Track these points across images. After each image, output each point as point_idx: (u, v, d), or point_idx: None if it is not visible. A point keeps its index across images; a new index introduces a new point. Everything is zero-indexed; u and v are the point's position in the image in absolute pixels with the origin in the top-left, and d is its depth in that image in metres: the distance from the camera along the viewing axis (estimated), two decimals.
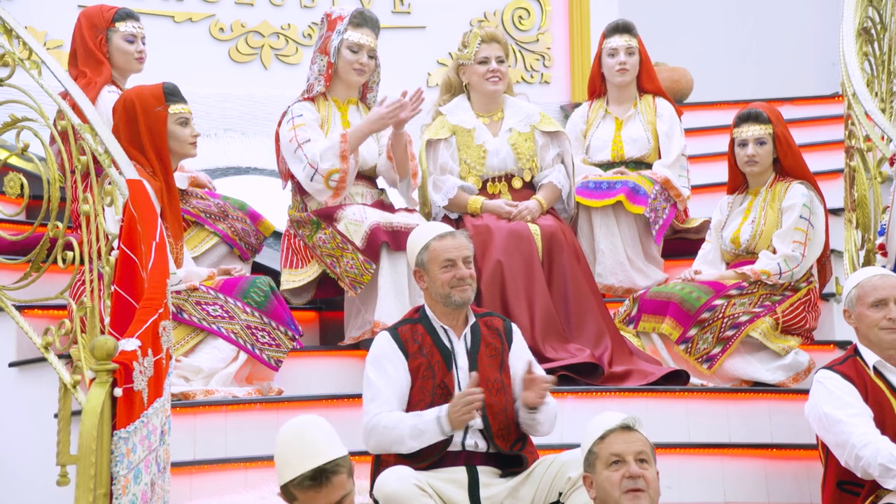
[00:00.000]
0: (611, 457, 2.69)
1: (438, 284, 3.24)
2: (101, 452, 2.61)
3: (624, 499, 2.64)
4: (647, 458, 2.70)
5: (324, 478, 2.53)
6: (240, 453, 3.61)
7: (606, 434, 2.73)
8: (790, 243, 4.12)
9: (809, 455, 3.67)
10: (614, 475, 2.67)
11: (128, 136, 3.58)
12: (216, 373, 3.83)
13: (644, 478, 2.66)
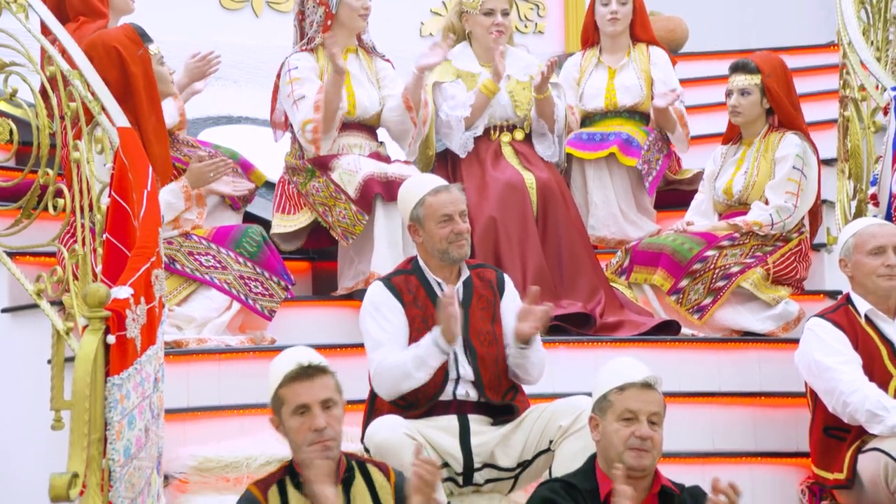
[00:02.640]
0: (625, 412, 2.67)
1: (436, 240, 3.23)
2: (94, 398, 2.62)
3: (627, 454, 2.64)
4: (659, 419, 2.69)
5: (310, 371, 2.59)
6: (233, 401, 3.64)
7: (627, 387, 2.70)
8: (783, 194, 4.12)
9: (797, 403, 3.71)
10: (624, 430, 2.66)
11: (115, 85, 3.53)
12: (209, 322, 3.84)
13: (652, 439, 2.66)
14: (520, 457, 3.17)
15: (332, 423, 2.58)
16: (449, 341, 3.10)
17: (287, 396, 2.61)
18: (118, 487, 2.64)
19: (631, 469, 2.61)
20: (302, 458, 2.59)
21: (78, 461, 2.57)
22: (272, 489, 2.56)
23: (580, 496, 2.65)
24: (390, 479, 2.65)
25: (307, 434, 2.55)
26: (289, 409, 2.61)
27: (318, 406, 2.58)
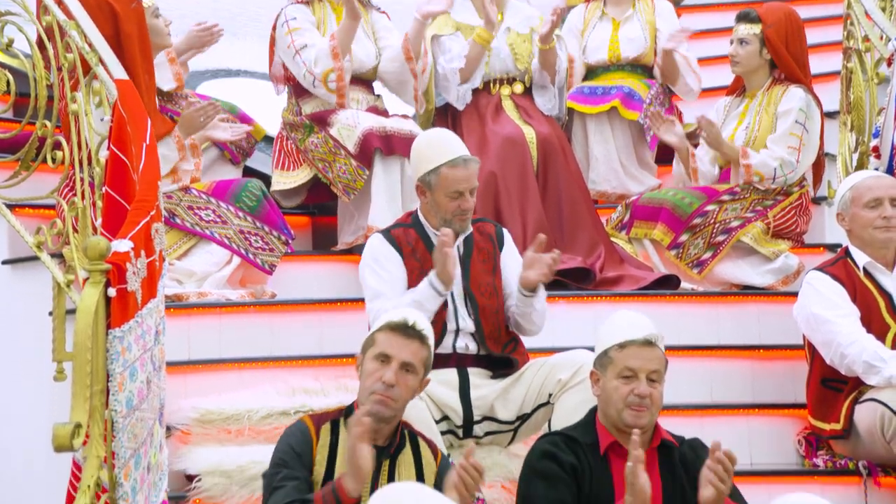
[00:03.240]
0: (625, 369, 2.64)
1: (442, 210, 3.22)
2: (96, 350, 2.63)
3: (626, 413, 2.62)
4: (658, 377, 2.66)
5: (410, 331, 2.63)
6: (234, 354, 3.66)
7: (627, 344, 2.67)
8: (784, 148, 4.10)
9: (796, 355, 3.72)
10: (623, 388, 2.63)
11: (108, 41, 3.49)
12: (209, 276, 3.85)
13: (651, 397, 2.63)
14: (519, 410, 3.19)
15: (403, 386, 2.59)
16: (444, 282, 3.10)
17: (378, 340, 2.65)
18: (121, 438, 2.65)
19: (629, 427, 2.61)
20: (362, 403, 2.61)
21: (81, 412, 2.59)
22: (325, 425, 2.59)
23: (580, 449, 2.64)
24: (437, 458, 2.66)
25: (375, 382, 2.57)
26: (373, 352, 2.63)
27: (397, 363, 2.60)
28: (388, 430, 2.62)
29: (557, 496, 2.56)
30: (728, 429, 3.54)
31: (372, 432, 2.56)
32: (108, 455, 2.64)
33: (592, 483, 2.59)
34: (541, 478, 2.59)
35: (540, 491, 2.57)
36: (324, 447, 2.58)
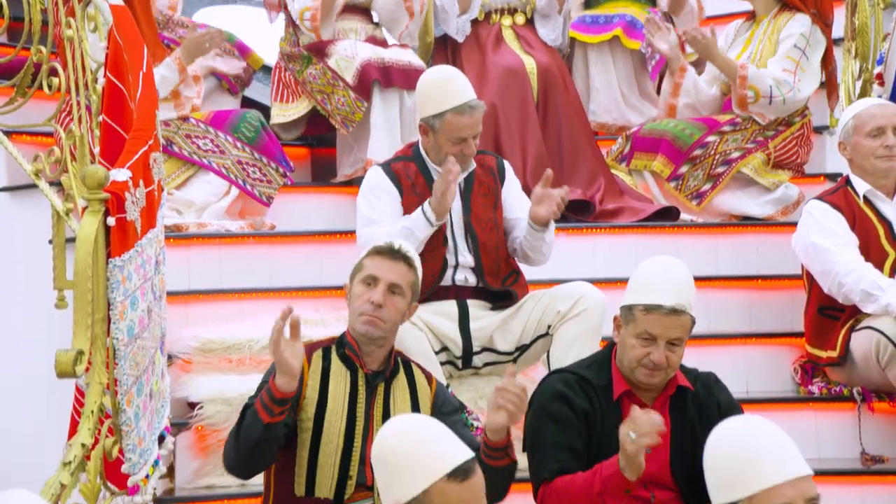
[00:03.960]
0: (645, 332, 2.54)
1: (443, 153, 3.19)
2: (96, 279, 2.64)
3: (639, 371, 2.55)
4: (680, 341, 2.56)
5: (396, 254, 2.63)
6: (234, 285, 3.67)
7: (653, 309, 2.54)
8: (780, 70, 4.05)
9: (793, 285, 3.74)
10: (640, 349, 2.55)
11: None
12: (208, 206, 3.85)
13: (668, 360, 2.54)
14: (518, 341, 3.20)
15: (391, 307, 2.58)
16: (438, 213, 3.10)
17: (365, 265, 2.65)
18: (123, 365, 2.67)
19: (640, 383, 2.58)
20: (352, 327, 2.61)
21: (82, 339, 2.61)
22: (317, 352, 2.61)
23: (593, 392, 2.59)
24: (432, 385, 2.66)
25: (364, 304, 2.58)
26: (360, 276, 2.63)
27: (384, 284, 2.60)
28: (381, 355, 2.62)
29: (568, 441, 2.54)
30: (725, 358, 3.57)
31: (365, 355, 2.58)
32: (110, 382, 2.67)
33: (604, 427, 2.57)
34: (552, 420, 2.57)
35: (549, 433, 2.56)
36: (315, 372, 2.59)
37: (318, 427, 2.52)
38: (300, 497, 2.49)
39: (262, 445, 2.46)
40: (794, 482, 1.91)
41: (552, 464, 2.53)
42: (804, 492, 1.91)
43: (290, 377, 2.42)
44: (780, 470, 1.92)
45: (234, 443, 2.48)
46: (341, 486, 2.49)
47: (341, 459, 2.50)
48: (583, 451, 2.55)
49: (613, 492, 2.46)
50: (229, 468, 2.55)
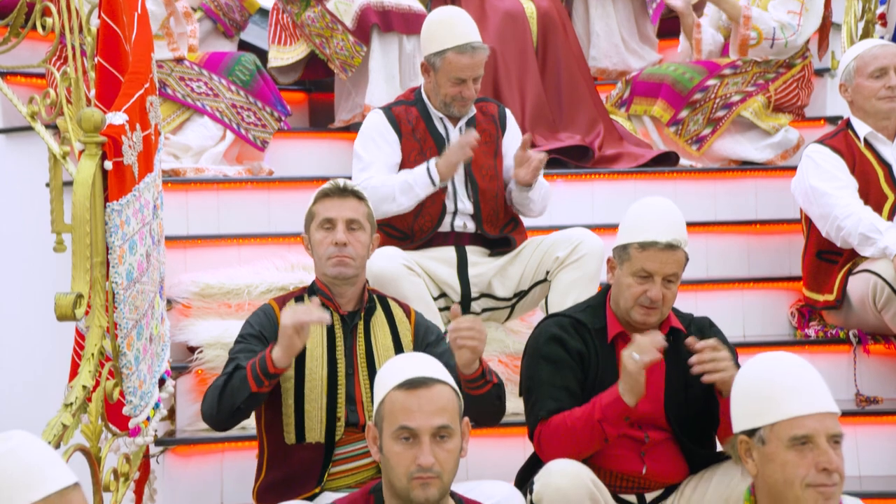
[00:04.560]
0: (641, 270, 2.55)
1: (441, 92, 3.18)
2: (95, 223, 2.64)
3: (635, 311, 2.56)
4: (676, 277, 2.56)
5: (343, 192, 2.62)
6: (232, 230, 3.67)
7: (649, 246, 2.54)
8: (785, 13, 4.01)
9: (792, 229, 3.75)
10: (636, 288, 2.55)
11: None
12: (205, 151, 3.84)
13: (664, 297, 2.55)
14: (516, 287, 3.21)
15: (355, 243, 2.59)
16: (443, 175, 3.09)
17: (317, 210, 2.64)
18: (122, 309, 2.68)
19: (637, 324, 2.59)
20: (321, 274, 2.61)
21: (81, 282, 2.61)
22: (290, 302, 2.61)
23: (588, 334, 2.61)
24: (410, 317, 2.67)
25: (328, 247, 2.57)
26: (316, 222, 2.62)
27: (342, 223, 2.60)
28: (354, 294, 2.62)
29: (563, 381, 2.55)
30: (722, 303, 3.59)
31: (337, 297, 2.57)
32: (110, 325, 2.68)
33: (598, 369, 2.58)
34: (547, 361, 2.58)
35: (545, 375, 2.57)
36: None
37: (299, 376, 2.53)
38: (292, 445, 2.52)
39: (243, 409, 2.49)
40: (818, 416, 1.92)
41: (549, 403, 2.55)
42: (827, 427, 1.92)
43: (289, 356, 2.42)
44: (805, 402, 1.93)
45: (216, 399, 2.50)
46: (331, 430, 2.52)
47: (327, 404, 2.52)
48: (578, 392, 2.57)
49: (613, 419, 2.48)
50: (205, 419, 2.57)
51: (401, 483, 1.99)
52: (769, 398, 1.95)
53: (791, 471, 1.89)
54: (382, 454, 2.03)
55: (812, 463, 1.89)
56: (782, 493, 1.91)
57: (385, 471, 2.03)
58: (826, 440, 1.90)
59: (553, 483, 2.43)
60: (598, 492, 2.45)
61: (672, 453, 2.59)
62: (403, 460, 1.99)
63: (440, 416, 2.02)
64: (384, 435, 2.02)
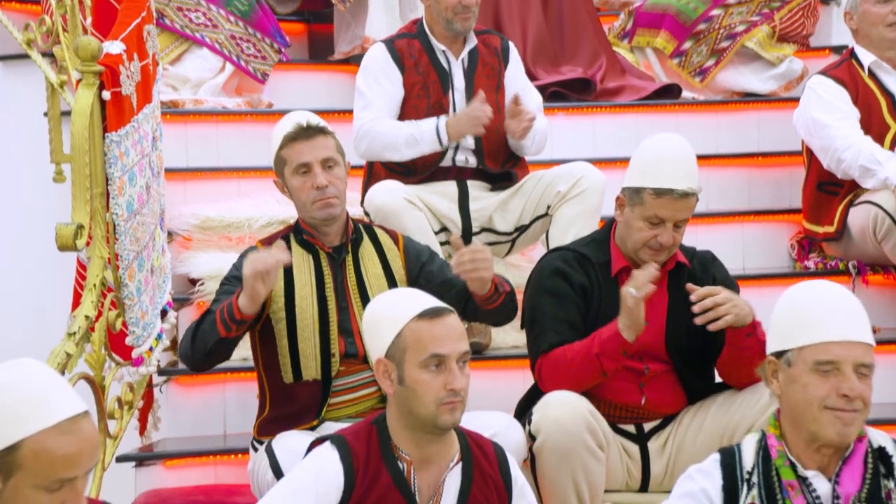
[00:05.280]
0: (654, 216, 2.52)
1: (442, 7, 3.13)
2: (94, 154, 2.63)
3: (644, 252, 2.54)
4: (685, 222, 2.55)
5: (310, 132, 2.60)
6: (231, 163, 3.66)
7: (664, 193, 2.51)
8: None
9: (793, 161, 3.73)
10: (647, 232, 2.53)
11: None
12: (204, 83, 3.80)
13: (673, 239, 2.53)
14: (517, 222, 3.21)
15: (334, 181, 2.58)
16: (452, 139, 3.07)
17: (289, 156, 2.61)
18: (123, 240, 2.69)
19: (643, 262, 2.56)
20: (310, 216, 2.61)
21: (82, 213, 2.61)
22: (277, 242, 2.61)
23: (592, 268, 2.59)
24: (398, 243, 2.66)
25: (310, 192, 2.56)
26: (290, 168, 2.60)
27: (318, 165, 2.58)
28: (338, 229, 2.62)
29: (565, 315, 2.56)
30: (722, 236, 3.59)
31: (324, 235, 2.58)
32: (111, 256, 2.69)
33: (601, 303, 2.58)
34: (550, 294, 2.58)
35: (548, 308, 2.57)
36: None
37: (290, 315, 2.53)
38: (290, 384, 2.53)
39: (215, 354, 2.50)
40: (848, 344, 1.92)
41: (551, 336, 2.56)
42: (855, 356, 1.91)
43: (254, 303, 2.42)
44: (836, 329, 1.92)
45: (190, 342, 2.51)
46: (326, 366, 2.53)
47: (320, 341, 2.53)
48: (580, 326, 2.57)
49: (611, 354, 2.49)
50: (182, 360, 2.57)
51: (428, 410, 2.02)
52: (801, 322, 1.94)
53: (812, 392, 1.89)
54: (403, 385, 2.05)
55: (834, 387, 1.89)
56: (802, 414, 1.91)
57: (406, 401, 2.04)
58: (852, 368, 1.90)
59: (551, 414, 2.45)
60: (596, 422, 2.48)
61: (671, 384, 2.60)
62: (433, 387, 2.02)
63: (464, 342, 2.07)
64: (407, 365, 2.03)
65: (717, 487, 1.92)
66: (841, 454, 1.92)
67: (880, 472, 1.92)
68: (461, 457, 2.09)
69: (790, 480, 1.89)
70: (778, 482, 1.90)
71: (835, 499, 1.89)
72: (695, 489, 1.94)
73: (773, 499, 1.89)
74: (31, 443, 1.67)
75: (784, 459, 1.91)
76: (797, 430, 1.93)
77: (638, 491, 2.62)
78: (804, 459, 1.92)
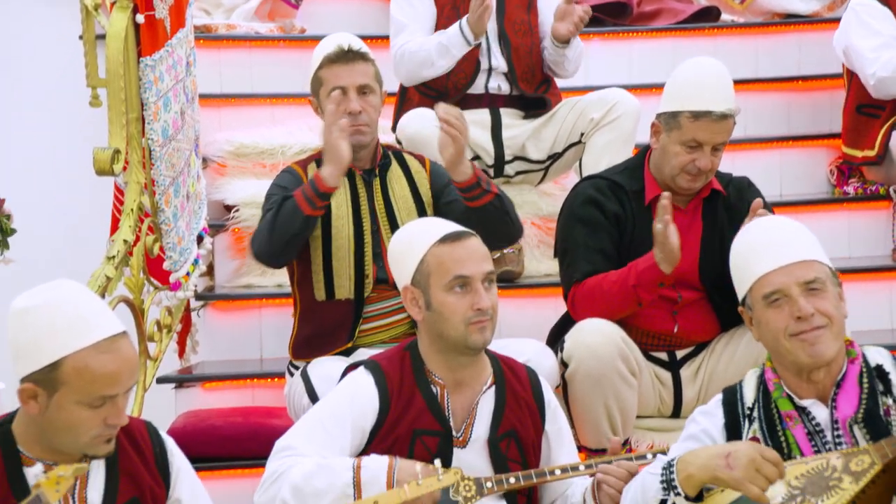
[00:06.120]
0: (692, 140, 2.49)
1: None
2: (129, 78, 2.63)
3: (681, 178, 2.54)
4: (723, 145, 2.52)
5: (350, 56, 2.60)
6: (265, 89, 3.65)
7: (702, 116, 2.47)
8: None
9: (834, 85, 3.66)
10: (684, 156, 2.50)
11: None
12: (237, 7, 3.78)
13: (711, 163, 2.52)
14: (550, 149, 3.19)
15: (368, 108, 2.58)
16: (476, 33, 3.03)
17: (326, 78, 2.61)
18: (159, 166, 2.71)
19: (681, 189, 2.55)
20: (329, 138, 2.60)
21: (118, 138, 2.63)
22: (311, 164, 2.63)
23: (625, 196, 2.58)
24: (426, 165, 2.67)
25: (342, 114, 2.55)
26: (326, 90, 2.60)
27: (354, 90, 2.58)
28: (369, 153, 2.63)
29: (598, 244, 2.55)
30: (760, 162, 3.55)
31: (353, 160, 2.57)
32: (147, 182, 2.71)
33: (634, 231, 2.57)
34: (583, 223, 2.57)
35: (580, 237, 2.57)
36: None
37: (326, 234, 2.55)
38: (322, 301, 2.56)
39: (298, 237, 2.51)
40: (785, 269, 1.91)
41: (584, 265, 2.56)
42: (796, 277, 1.90)
43: (338, 167, 2.44)
44: (769, 258, 1.92)
45: (267, 232, 2.51)
46: (359, 286, 2.55)
47: (355, 260, 2.55)
48: (614, 254, 2.57)
49: (648, 285, 2.49)
50: (259, 256, 2.57)
51: (458, 331, 2.04)
52: (744, 264, 1.96)
53: (773, 326, 1.90)
54: (431, 310, 2.07)
55: (789, 314, 1.89)
56: (777, 351, 1.93)
57: (435, 325, 2.06)
58: (798, 289, 1.89)
59: (584, 340, 2.46)
60: (629, 349, 2.49)
61: (704, 312, 2.60)
62: (460, 308, 2.04)
63: (488, 263, 2.09)
64: (433, 289, 2.06)
65: (719, 426, 1.95)
66: (833, 379, 1.92)
67: (877, 391, 1.91)
68: (494, 380, 2.11)
69: (788, 411, 1.91)
70: (777, 414, 1.91)
71: (834, 423, 1.90)
72: (697, 431, 1.97)
73: (774, 430, 1.91)
74: (72, 360, 1.72)
75: (781, 391, 1.92)
76: (783, 365, 1.93)
77: (670, 417, 2.64)
78: (799, 390, 1.93)
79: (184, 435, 2.49)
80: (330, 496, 1.94)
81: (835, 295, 1.93)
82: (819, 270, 1.93)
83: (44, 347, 1.73)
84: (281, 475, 1.96)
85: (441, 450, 2.04)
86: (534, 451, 2.11)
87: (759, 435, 1.91)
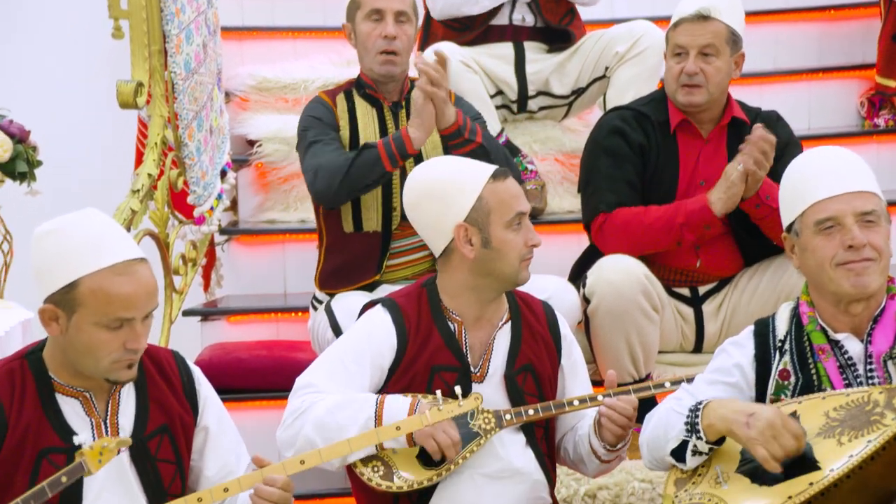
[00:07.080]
0: (675, 47, 2.54)
1: None
2: (150, 9, 2.62)
3: (679, 93, 2.54)
4: (714, 50, 2.52)
5: None
6: (287, 23, 3.62)
7: (680, 22, 2.54)
8: None
9: (869, 13, 3.57)
10: (674, 67, 2.53)
11: None
12: None
13: (703, 73, 2.52)
14: (574, 84, 3.15)
15: (402, 36, 2.56)
16: None
17: (364, 1, 2.59)
18: (182, 99, 2.70)
19: (683, 107, 2.54)
20: (368, 67, 2.59)
21: (141, 71, 2.62)
22: (339, 95, 2.62)
23: (650, 126, 2.58)
24: (451, 99, 2.60)
25: (377, 41, 2.54)
26: (363, 13, 2.58)
27: (391, 15, 2.56)
28: (398, 86, 2.62)
29: (622, 174, 2.55)
30: (788, 96, 3.49)
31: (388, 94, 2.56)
32: (170, 115, 2.71)
33: (659, 160, 2.57)
34: (607, 154, 2.57)
35: (604, 168, 2.56)
36: (343, 112, 2.60)
37: None
38: (350, 233, 2.56)
39: (370, 188, 2.51)
40: (843, 197, 1.89)
41: (609, 196, 2.55)
42: (854, 207, 1.88)
43: (427, 133, 2.45)
44: (827, 185, 1.90)
45: (340, 176, 2.48)
46: (387, 219, 2.55)
47: (383, 194, 2.54)
48: (638, 185, 2.56)
49: (694, 226, 2.49)
50: (323, 194, 2.52)
51: (512, 268, 2.05)
52: (797, 190, 1.93)
53: (820, 253, 1.88)
54: (490, 248, 2.04)
55: (839, 243, 1.87)
56: (819, 279, 1.90)
57: (489, 262, 2.04)
58: (853, 219, 1.87)
59: (606, 277, 2.46)
60: (651, 285, 2.49)
61: (727, 247, 2.59)
62: (517, 245, 2.04)
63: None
64: (493, 227, 2.04)
65: (749, 357, 1.94)
66: (871, 313, 1.91)
67: None
68: (510, 316, 2.11)
69: (821, 345, 1.90)
70: (809, 347, 1.90)
71: (867, 357, 1.88)
72: (727, 364, 1.95)
73: (805, 363, 1.90)
74: (88, 281, 1.74)
75: (815, 324, 1.91)
76: (821, 295, 1.92)
77: (691, 352, 2.64)
78: (835, 323, 1.91)
79: (209, 367, 2.52)
80: (353, 430, 1.96)
81: (886, 231, 1.92)
82: (876, 204, 1.91)
83: (62, 268, 1.75)
84: (303, 412, 1.98)
85: (459, 385, 2.05)
86: (550, 385, 2.11)
87: (790, 367, 1.90)
